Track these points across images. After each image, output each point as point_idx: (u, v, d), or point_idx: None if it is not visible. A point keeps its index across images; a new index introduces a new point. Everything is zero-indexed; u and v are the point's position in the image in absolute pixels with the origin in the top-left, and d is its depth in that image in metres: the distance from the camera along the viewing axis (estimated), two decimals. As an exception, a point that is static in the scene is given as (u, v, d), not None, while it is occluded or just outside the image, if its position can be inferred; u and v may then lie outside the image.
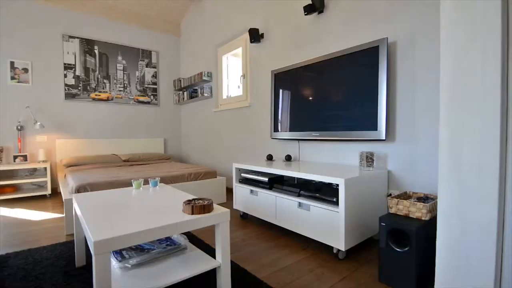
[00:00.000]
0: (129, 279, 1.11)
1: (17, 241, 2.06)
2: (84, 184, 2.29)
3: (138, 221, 1.11)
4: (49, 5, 3.80)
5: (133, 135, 4.58)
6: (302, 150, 2.68)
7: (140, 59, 4.62)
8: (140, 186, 1.78)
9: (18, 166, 3.38)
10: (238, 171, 2.56)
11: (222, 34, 3.80)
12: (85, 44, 4.09)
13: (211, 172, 3.11)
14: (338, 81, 2.17)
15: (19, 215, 2.75)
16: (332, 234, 1.70)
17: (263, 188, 2.26)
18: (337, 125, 2.17)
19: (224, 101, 3.90)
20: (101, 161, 3.70)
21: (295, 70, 2.52)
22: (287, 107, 2.62)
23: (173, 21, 4.88)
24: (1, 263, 1.65)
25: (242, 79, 3.48)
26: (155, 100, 4.80)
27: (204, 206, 1.20)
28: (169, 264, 1.25)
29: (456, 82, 0.94)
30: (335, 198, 1.71)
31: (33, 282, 1.44)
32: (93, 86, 4.18)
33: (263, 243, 1.99)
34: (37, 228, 2.34)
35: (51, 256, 1.75)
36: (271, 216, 2.16)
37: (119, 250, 1.32)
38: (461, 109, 0.92)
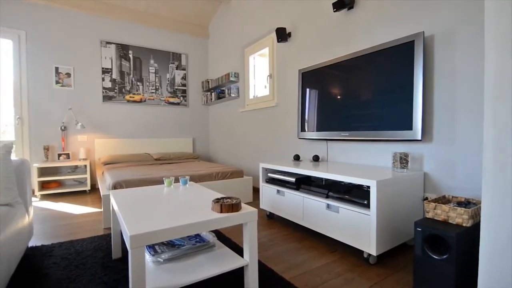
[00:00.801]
0: (161, 273, 1.16)
1: (61, 232, 2.23)
2: (120, 181, 2.42)
3: (170, 217, 1.15)
4: (88, 13, 4.08)
5: (163, 135, 4.78)
6: (331, 150, 2.61)
7: (171, 62, 4.80)
8: (171, 184, 1.85)
9: (61, 164, 3.67)
10: (265, 171, 2.56)
11: (249, 35, 3.83)
12: (121, 49, 4.34)
13: (237, 172, 3.15)
14: (369, 79, 2.09)
15: (62, 208, 2.99)
16: (363, 238, 1.64)
17: (290, 188, 2.24)
18: (368, 125, 2.09)
19: (251, 101, 3.93)
20: (135, 160, 3.90)
21: (324, 68, 2.47)
22: (314, 107, 2.58)
23: (201, 24, 5.01)
24: (47, 252, 1.80)
25: (269, 79, 3.48)
26: (185, 101, 4.96)
27: (233, 205, 1.21)
28: (199, 260, 1.28)
29: (502, 80, 0.86)
30: (366, 201, 1.65)
31: (74, 272, 1.55)
32: (127, 89, 4.42)
33: (290, 244, 1.97)
34: (78, 221, 2.52)
35: (90, 248, 1.87)
36: (298, 217, 2.14)
37: (152, 245, 1.38)
38: (508, 108, 0.84)
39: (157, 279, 1.10)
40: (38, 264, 1.64)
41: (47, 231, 2.27)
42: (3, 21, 3.56)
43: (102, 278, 1.47)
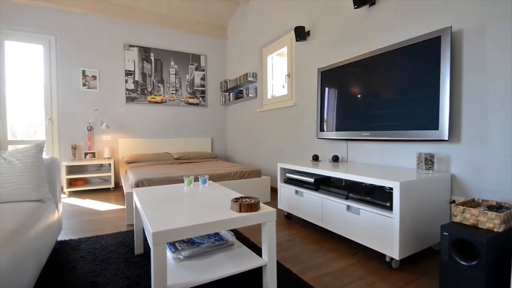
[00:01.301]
0: (181, 270, 1.18)
1: (87, 228, 2.34)
2: (142, 179, 2.50)
3: (190, 215, 1.17)
4: (113, 18, 4.24)
5: (183, 135, 4.88)
6: (351, 150, 2.56)
7: (190, 63, 4.89)
8: (191, 183, 1.88)
9: (87, 162, 3.84)
10: (283, 171, 2.55)
11: (267, 35, 3.82)
12: (143, 52, 4.48)
13: (255, 171, 3.15)
14: (392, 77, 2.02)
15: (88, 205, 3.13)
16: (385, 241, 1.59)
17: (308, 189, 2.21)
18: (390, 124, 2.02)
19: (269, 101, 3.92)
20: (156, 159, 4.01)
21: (344, 67, 2.42)
22: (334, 106, 2.53)
23: (220, 25, 5.07)
24: (75, 247, 1.89)
25: (287, 79, 3.46)
26: (203, 101, 5.03)
27: (251, 204, 1.22)
28: (218, 258, 1.29)
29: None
30: (388, 203, 1.60)
31: (100, 266, 1.62)
32: (149, 90, 4.55)
33: (308, 245, 1.94)
34: (103, 218, 2.62)
35: (114, 243, 1.95)
36: (317, 218, 2.11)
37: (173, 242, 1.41)
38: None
39: (177, 276, 1.13)
40: (66, 257, 1.72)
41: (74, 226, 2.38)
42: (34, 27, 3.79)
43: (125, 273, 1.52)
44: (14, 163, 1.57)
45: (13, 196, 1.54)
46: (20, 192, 1.55)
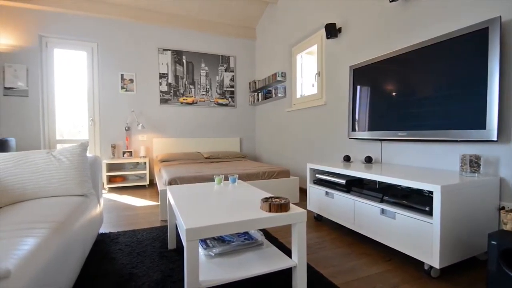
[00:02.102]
0: (213, 266, 1.21)
1: (125, 222, 2.48)
2: (175, 177, 2.60)
3: (221, 214, 1.19)
4: (148, 24, 4.47)
5: (213, 135, 5.00)
6: (385, 151, 2.44)
7: (220, 65, 4.99)
8: (221, 181, 1.92)
9: (125, 160, 4.09)
10: (313, 171, 2.50)
11: (297, 33, 3.78)
12: (175, 55, 4.66)
13: (284, 172, 3.13)
14: (431, 73, 1.89)
15: (126, 200, 3.32)
16: (423, 248, 1.49)
17: (339, 190, 2.15)
18: (430, 124, 1.89)
19: (298, 100, 3.87)
20: (187, 158, 4.15)
21: (378, 63, 2.31)
22: (367, 105, 2.43)
23: (249, 26, 5.11)
24: (114, 239, 2.02)
25: (317, 77, 3.39)
26: (232, 102, 5.11)
27: (281, 205, 1.21)
28: (247, 257, 1.30)
29: None
30: (427, 207, 1.50)
31: (136, 258, 1.71)
32: (181, 92, 4.73)
33: (339, 248, 1.89)
34: (138, 213, 2.77)
35: (149, 238, 2.05)
36: (349, 221, 2.04)
37: (204, 239, 1.44)
38: None
39: (209, 272, 1.16)
40: (106, 249, 1.85)
41: (113, 220, 2.55)
42: (79, 35, 4.11)
43: (159, 266, 1.59)
44: (62, 161, 1.72)
45: (61, 191, 1.68)
46: (67, 187, 1.69)
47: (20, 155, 1.67)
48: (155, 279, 1.45)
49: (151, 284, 1.40)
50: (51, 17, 3.94)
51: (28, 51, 3.85)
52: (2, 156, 1.64)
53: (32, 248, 0.94)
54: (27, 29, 3.85)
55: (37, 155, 1.69)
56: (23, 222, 1.17)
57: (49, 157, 1.70)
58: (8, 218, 1.24)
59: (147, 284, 1.40)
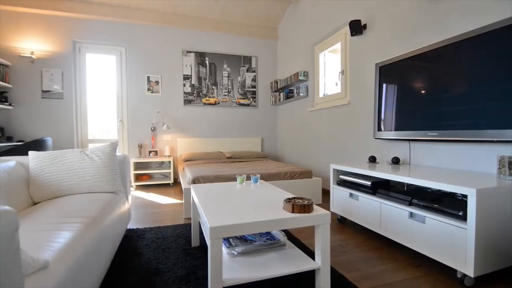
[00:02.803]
0: (235, 265, 1.22)
1: (151, 218, 2.57)
2: (198, 176, 2.66)
3: (244, 213, 1.20)
4: (173, 27, 4.60)
5: (234, 135, 5.05)
6: (414, 152, 2.33)
7: (242, 65, 5.03)
8: (243, 181, 1.93)
9: (151, 159, 4.24)
10: (336, 172, 2.44)
11: (319, 32, 3.72)
12: (199, 57, 4.76)
13: (306, 172, 3.09)
14: (465, 69, 1.78)
15: (151, 198, 3.45)
16: (456, 255, 1.41)
17: (364, 192, 2.08)
18: (464, 123, 1.78)
19: (321, 99, 3.81)
20: (210, 157, 4.22)
21: (406, 60, 2.21)
22: (394, 104, 2.34)
23: (271, 26, 5.11)
24: (141, 235, 2.10)
25: (341, 76, 3.31)
26: (254, 102, 5.13)
27: (305, 205, 1.19)
28: (270, 257, 1.30)
29: None
30: (461, 212, 1.41)
31: (162, 254, 1.77)
32: (204, 93, 4.82)
33: (364, 252, 1.83)
34: (163, 210, 2.86)
35: (174, 235, 2.10)
36: (374, 224, 1.97)
37: (227, 238, 1.46)
38: None
39: (232, 270, 1.17)
40: (134, 244, 1.92)
41: (140, 216, 2.65)
42: (109, 40, 4.32)
43: (183, 263, 1.63)
44: (94, 159, 1.81)
45: (93, 188, 1.78)
46: (99, 184, 1.79)
47: (56, 153, 1.78)
48: (179, 275, 1.48)
49: (176, 280, 1.44)
50: (84, 24, 4.18)
51: (63, 56, 4.11)
52: (41, 154, 1.76)
53: (68, 241, 1.01)
54: (63, 36, 4.10)
55: (72, 154, 1.79)
56: (59, 216, 1.25)
57: (83, 156, 1.80)
58: (46, 212, 1.33)
59: (171, 280, 1.44)
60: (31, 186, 1.66)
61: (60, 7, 3.98)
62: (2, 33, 3.86)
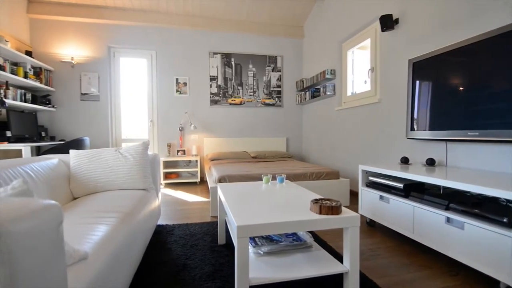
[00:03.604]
0: (261, 264, 1.22)
1: (179, 216, 2.66)
2: (224, 175, 2.70)
3: (271, 213, 1.19)
4: (200, 30, 4.71)
5: (259, 135, 5.06)
6: (451, 153, 2.18)
7: (267, 65, 5.03)
8: (269, 181, 1.93)
9: (179, 158, 4.38)
10: (365, 173, 2.36)
11: (347, 28, 3.61)
12: (225, 58, 4.84)
13: (333, 173, 3.02)
14: (511, 64, 1.63)
15: (179, 196, 3.56)
16: (499, 264, 1.29)
17: (396, 195, 1.99)
18: (508, 122, 1.63)
19: (349, 98, 3.69)
20: (235, 157, 4.27)
21: (443, 55, 2.07)
22: (428, 102, 2.20)
23: (296, 24, 5.05)
24: (170, 231, 2.18)
25: (370, 73, 3.19)
26: (279, 101, 5.11)
27: (333, 207, 1.16)
28: (296, 258, 1.29)
29: None
30: (505, 218, 1.30)
31: (189, 250, 1.81)
32: (230, 93, 4.89)
33: (395, 257, 1.75)
34: (191, 208, 2.94)
35: (201, 232, 2.16)
36: (407, 229, 1.87)
37: (253, 237, 1.47)
38: None
39: (258, 270, 1.17)
40: (164, 239, 2.00)
41: (169, 213, 2.74)
42: (140, 44, 4.53)
43: (210, 260, 1.67)
44: (127, 158, 1.91)
45: (126, 185, 1.87)
46: (132, 181, 1.88)
47: (94, 152, 1.90)
48: (206, 272, 1.52)
49: (203, 276, 1.47)
50: (118, 30, 4.42)
51: (99, 61, 4.38)
52: (80, 153, 1.89)
53: (105, 234, 1.07)
54: (99, 42, 4.37)
55: (107, 153, 1.90)
56: (97, 211, 1.33)
57: (117, 154, 1.90)
58: (84, 207, 1.42)
59: (199, 276, 1.48)
60: (71, 182, 1.79)
61: (97, 14, 4.24)
62: (46, 40, 4.20)
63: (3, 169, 1.26)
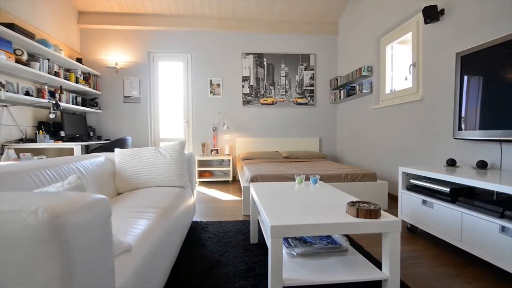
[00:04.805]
0: (295, 266, 1.20)
1: (212, 213, 2.73)
2: (256, 175, 2.72)
3: (305, 214, 1.17)
4: (233, 31, 4.80)
5: (291, 134, 5.01)
6: (507, 155, 1.96)
7: (300, 64, 4.96)
8: (302, 181, 1.90)
9: (212, 157, 4.51)
10: (406, 176, 2.22)
11: (386, 22, 3.42)
12: (257, 58, 4.87)
13: (370, 174, 2.88)
14: None
15: (213, 194, 3.65)
16: None
17: (441, 200, 1.84)
18: None
19: (387, 96, 3.51)
20: (267, 157, 4.28)
21: (497, 47, 1.87)
22: (479, 98, 2.00)
23: (330, 21, 4.91)
24: (204, 228, 2.24)
25: (412, 69, 2.99)
26: (312, 101, 5.01)
27: (371, 210, 1.11)
28: (331, 262, 1.25)
29: None
30: None
31: (223, 247, 1.85)
32: (262, 93, 4.91)
33: (440, 267, 1.62)
34: (223, 206, 3.00)
35: (233, 230, 2.19)
36: (454, 237, 1.73)
37: (286, 237, 1.45)
38: None
39: (291, 271, 1.16)
40: (198, 236, 2.06)
41: (203, 210, 2.83)
42: (177, 48, 4.73)
43: (243, 258, 1.68)
44: (166, 156, 2.01)
45: (164, 182, 1.96)
46: (169, 179, 1.97)
47: (136, 150, 2.03)
48: (239, 270, 1.54)
49: (236, 274, 1.49)
50: (157, 35, 4.67)
51: (140, 65, 4.66)
52: (124, 151, 2.02)
53: (146, 228, 1.13)
54: (140, 47, 4.66)
55: (148, 151, 2.02)
56: (138, 206, 1.41)
57: (157, 153, 2.01)
58: (127, 202, 1.52)
59: (232, 273, 1.50)
60: (116, 178, 1.92)
61: (138, 22, 4.53)
62: (94, 48, 4.57)
63: (60, 165, 1.40)
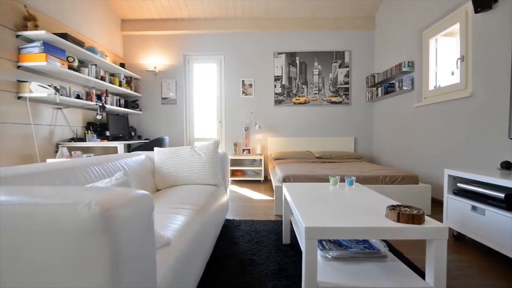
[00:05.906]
0: (329, 269, 1.17)
1: (244, 212, 2.76)
2: (289, 175, 2.69)
3: (340, 216, 1.14)
4: (265, 32, 4.80)
5: (324, 134, 4.89)
6: None
7: (334, 61, 4.82)
8: (337, 183, 1.84)
9: (244, 157, 4.56)
10: (452, 179, 2.04)
11: (429, 14, 3.18)
12: (289, 57, 4.82)
13: (411, 177, 2.70)
14: None
15: (245, 193, 3.70)
16: None
17: (494, 206, 1.67)
18: None
19: (431, 93, 3.26)
20: (299, 157, 4.22)
21: None
22: (544, 94, 1.78)
23: (366, 16, 4.70)
24: (237, 226, 2.28)
25: (460, 63, 2.75)
26: (347, 99, 4.84)
27: (414, 215, 1.04)
28: (368, 268, 1.20)
29: None
30: None
31: (255, 246, 1.86)
32: (294, 92, 4.85)
33: (490, 280, 1.47)
34: (255, 205, 3.02)
35: (265, 229, 2.19)
36: (508, 248, 1.55)
37: (320, 240, 1.42)
38: None
39: (326, 274, 1.13)
40: (231, 233, 2.10)
41: (236, 209, 2.88)
42: (211, 50, 4.87)
43: (275, 258, 1.68)
44: (201, 155, 2.07)
45: (199, 180, 2.03)
46: (204, 177, 2.03)
47: (173, 149, 2.12)
48: (272, 270, 1.53)
49: (269, 274, 1.49)
50: (192, 39, 4.84)
51: (176, 68, 4.88)
52: (162, 150, 2.13)
53: (183, 223, 1.18)
54: (176, 51, 4.87)
55: (184, 150, 2.10)
56: (176, 202, 1.48)
57: (192, 152, 2.08)
58: (166, 198, 1.59)
59: (265, 273, 1.50)
60: (155, 175, 2.03)
61: (175, 26, 4.74)
62: (135, 53, 4.88)
63: (107, 162, 1.51)
